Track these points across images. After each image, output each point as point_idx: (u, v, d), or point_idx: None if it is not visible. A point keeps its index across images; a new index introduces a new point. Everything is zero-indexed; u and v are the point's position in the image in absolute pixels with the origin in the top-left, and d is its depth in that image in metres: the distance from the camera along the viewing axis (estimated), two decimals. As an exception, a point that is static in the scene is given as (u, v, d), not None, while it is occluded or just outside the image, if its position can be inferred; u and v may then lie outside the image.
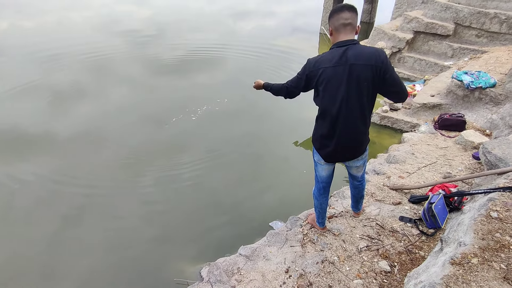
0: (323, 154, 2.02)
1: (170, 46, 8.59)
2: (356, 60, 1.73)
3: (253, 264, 2.33)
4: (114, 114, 5.10)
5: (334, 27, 1.79)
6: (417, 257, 2.27)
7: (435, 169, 3.31)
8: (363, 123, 1.90)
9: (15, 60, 7.40)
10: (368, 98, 1.82)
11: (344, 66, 1.74)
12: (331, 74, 1.77)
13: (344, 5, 1.76)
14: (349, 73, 1.74)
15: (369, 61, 1.72)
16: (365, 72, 1.73)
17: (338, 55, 1.75)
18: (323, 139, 1.97)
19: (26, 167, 3.83)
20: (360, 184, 2.33)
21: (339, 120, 1.85)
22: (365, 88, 1.77)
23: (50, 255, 2.82)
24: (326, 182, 2.21)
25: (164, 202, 3.39)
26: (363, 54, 1.73)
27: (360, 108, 1.83)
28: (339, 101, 1.80)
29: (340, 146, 1.94)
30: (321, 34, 10.12)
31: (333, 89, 1.80)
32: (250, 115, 5.22)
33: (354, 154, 2.02)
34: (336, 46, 1.79)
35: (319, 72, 1.80)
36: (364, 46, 1.79)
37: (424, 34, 6.24)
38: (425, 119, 4.41)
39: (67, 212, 3.24)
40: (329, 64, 1.77)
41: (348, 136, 1.90)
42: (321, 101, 1.89)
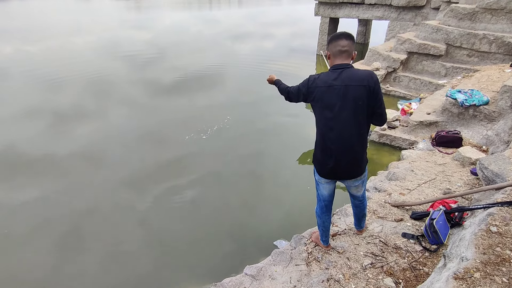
0: (322, 172, 2.10)
1: (169, 67, 8.85)
2: (351, 81, 1.86)
3: (259, 284, 2.34)
4: (115, 135, 5.22)
5: (332, 52, 1.94)
6: (421, 274, 2.29)
7: (435, 185, 3.37)
8: (360, 142, 1.99)
9: (18, 84, 7.60)
10: (363, 117, 1.92)
11: (340, 87, 1.87)
12: (326, 93, 1.91)
13: (343, 33, 1.91)
14: (344, 93, 1.87)
15: (362, 82, 1.85)
16: (360, 92, 1.86)
17: (333, 76, 1.90)
18: (322, 158, 2.05)
19: (26, 188, 3.88)
20: (361, 203, 2.39)
21: (336, 139, 1.95)
22: (360, 107, 1.88)
23: (47, 280, 2.79)
24: (328, 201, 2.27)
25: (167, 222, 3.42)
26: (357, 75, 1.87)
27: (356, 126, 1.93)
28: (335, 120, 1.91)
29: (338, 165, 2.01)
30: (317, 55, 10.45)
31: (328, 107, 1.92)
32: (251, 134, 5.34)
33: (352, 173, 2.08)
34: (333, 69, 1.94)
35: (315, 90, 1.94)
36: (358, 69, 1.94)
37: (418, 55, 6.48)
38: (422, 136, 4.52)
39: (66, 234, 3.24)
40: (323, 84, 1.91)
41: (345, 154, 1.98)
42: (318, 120, 2.01)
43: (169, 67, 8.94)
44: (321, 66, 9.69)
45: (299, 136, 5.27)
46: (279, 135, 5.32)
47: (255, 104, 6.56)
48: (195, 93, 7.05)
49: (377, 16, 9.05)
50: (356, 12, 9.41)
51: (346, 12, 9.61)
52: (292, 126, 5.61)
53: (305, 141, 5.08)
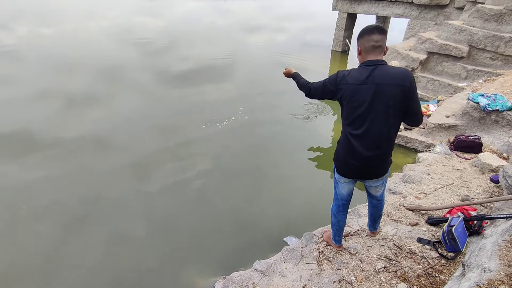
0: (345, 172, 2.02)
1: (181, 57, 8.78)
2: (384, 79, 1.75)
3: (269, 280, 2.30)
4: (126, 121, 5.19)
5: (364, 47, 1.82)
6: (437, 281, 2.21)
7: (452, 191, 3.26)
8: (388, 143, 1.90)
9: (32, 66, 7.63)
10: (394, 118, 1.82)
11: (371, 85, 1.76)
12: (356, 91, 1.80)
13: (376, 27, 1.80)
14: (375, 92, 1.76)
15: (397, 81, 1.74)
16: (393, 91, 1.75)
17: (365, 73, 1.78)
18: (346, 157, 1.97)
19: (36, 168, 3.89)
20: (379, 203, 2.31)
21: (363, 138, 1.85)
22: (391, 108, 1.78)
23: (52, 260, 2.79)
24: (345, 200, 2.20)
25: (174, 212, 3.39)
26: (391, 74, 1.76)
27: (385, 127, 1.84)
28: (365, 119, 1.82)
29: (363, 165, 1.93)
30: (332, 50, 10.25)
31: (358, 106, 1.81)
32: (264, 127, 5.26)
33: (376, 174, 2.01)
34: (364, 65, 1.82)
35: (343, 87, 1.83)
36: (392, 66, 1.82)
37: (438, 55, 6.28)
38: (440, 140, 4.38)
39: (73, 215, 3.23)
40: (354, 82, 1.80)
41: (372, 155, 1.90)
42: (345, 118, 1.91)
43: (180, 56, 8.87)
44: (335, 62, 9.51)
45: (312, 133, 5.18)
46: (292, 131, 5.24)
47: (268, 97, 6.47)
48: (206, 84, 6.98)
49: (397, 13, 8.79)
50: (375, 8, 9.16)
51: (365, 8, 9.37)
52: (304, 123, 5.51)
53: (320, 138, 5.00)
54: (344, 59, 9.81)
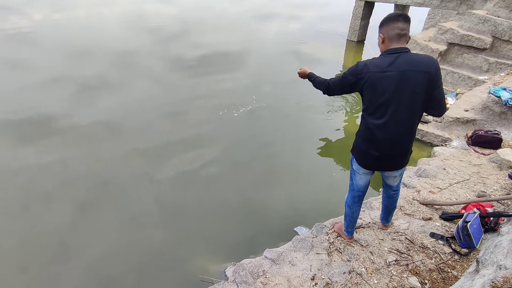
0: (365, 162, 1.99)
1: (193, 44, 8.72)
2: (409, 66, 1.70)
3: (279, 268, 2.32)
4: (138, 107, 5.22)
5: (388, 35, 1.76)
6: (449, 277, 2.19)
7: (468, 187, 3.19)
8: (410, 133, 1.86)
9: (47, 50, 7.72)
10: (418, 106, 1.78)
11: (395, 73, 1.71)
12: (379, 79, 1.74)
13: (400, 14, 1.73)
14: (400, 80, 1.71)
15: (422, 68, 1.69)
16: (419, 79, 1.70)
17: (388, 61, 1.73)
18: (366, 148, 1.93)
19: (50, 151, 3.97)
20: (395, 194, 2.29)
21: (386, 128, 1.81)
22: (416, 96, 1.73)
23: (64, 240, 2.86)
24: (362, 191, 2.18)
25: (185, 197, 3.41)
26: (416, 60, 1.70)
27: (410, 116, 1.79)
28: (387, 108, 1.77)
29: (384, 156, 1.90)
30: (348, 40, 10.00)
31: (381, 95, 1.76)
32: (279, 117, 5.23)
33: (398, 164, 1.97)
34: (386, 53, 1.76)
35: (366, 76, 1.77)
36: (416, 53, 1.76)
37: (459, 46, 6.05)
38: (457, 134, 4.27)
39: (85, 198, 3.29)
40: (377, 70, 1.74)
41: (395, 145, 1.86)
42: (366, 108, 1.86)
43: (193, 43, 8.81)
44: (350, 52, 9.29)
45: (325, 124, 5.12)
46: (305, 121, 5.19)
47: (281, 86, 6.40)
48: (219, 71, 6.93)
49: (417, 2, 8.46)
50: (394, -4, 8.82)
51: (383, -4, 9.04)
52: (317, 113, 5.44)
53: (330, 129, 4.94)
54: (360, 49, 9.58)
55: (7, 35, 8.51)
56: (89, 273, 2.59)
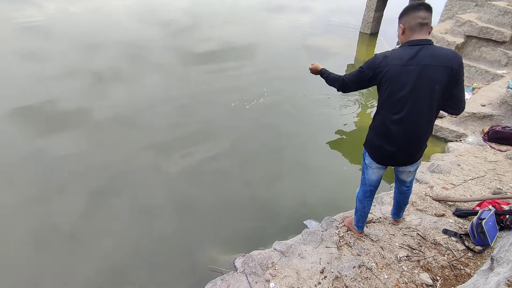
0: (379, 157, 1.95)
1: (203, 37, 8.69)
2: (432, 61, 1.63)
3: (288, 261, 2.32)
4: (149, 100, 5.25)
5: (409, 25, 1.69)
6: (462, 274, 2.15)
7: (483, 183, 3.12)
8: (427, 129, 1.81)
9: (60, 43, 7.80)
10: (437, 103, 1.72)
11: (416, 67, 1.64)
12: (399, 73, 1.67)
13: (422, 4, 1.66)
14: (420, 74, 1.65)
15: (445, 63, 1.62)
16: (440, 74, 1.63)
17: (410, 54, 1.66)
18: (380, 143, 1.89)
19: (64, 142, 4.04)
20: (408, 190, 2.25)
21: (403, 123, 1.76)
22: (436, 92, 1.67)
23: (77, 228, 2.93)
24: (374, 186, 2.15)
25: (196, 192, 3.42)
26: (439, 55, 1.63)
27: (427, 112, 1.74)
28: (405, 103, 1.71)
29: (400, 150, 1.86)
30: (361, 33, 9.80)
31: (399, 89, 1.70)
32: (288, 110, 5.19)
33: (413, 159, 1.93)
34: (408, 45, 1.69)
35: (385, 69, 1.70)
36: (440, 47, 1.69)
37: (477, 39, 5.85)
38: (472, 130, 4.16)
39: (97, 189, 3.33)
40: (399, 62, 1.67)
41: (411, 141, 1.82)
42: (382, 102, 1.81)
43: (203, 36, 8.77)
44: (363, 45, 9.10)
45: (336, 117, 5.05)
46: (315, 114, 5.14)
47: (291, 80, 6.34)
48: (230, 64, 6.90)
49: (433, -7, 8.19)
50: (410, -13, 8.56)
51: (398, -13, 8.78)
52: (328, 107, 5.38)
53: (341, 123, 4.88)
54: (373, 41, 9.37)
55: (23, 27, 8.64)
56: (102, 261, 2.65)
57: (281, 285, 2.12)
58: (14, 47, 7.24)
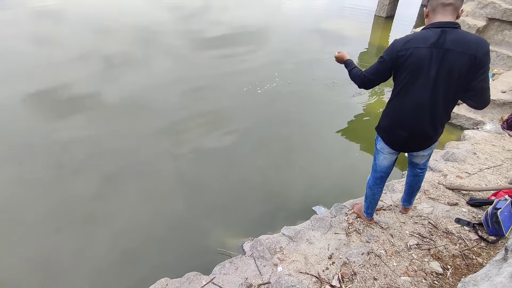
0: (393, 143, 1.90)
1: (214, 21, 8.54)
2: (455, 46, 1.52)
3: (296, 246, 2.33)
4: (161, 84, 5.24)
5: (431, 7, 1.60)
6: (474, 263, 2.12)
7: (500, 173, 3.02)
8: (444, 115, 1.74)
9: (71, 27, 7.81)
10: (455, 91, 1.63)
11: (438, 51, 1.55)
12: (422, 55, 1.58)
13: None
14: (442, 59, 1.56)
15: (469, 50, 1.51)
16: (461, 61, 1.53)
17: (434, 36, 1.56)
18: (396, 127, 1.82)
19: (76, 126, 4.09)
20: (422, 172, 2.19)
21: (418, 109, 1.70)
22: (455, 79, 1.58)
23: (90, 207, 3.00)
24: (385, 172, 2.10)
25: (206, 176, 3.44)
26: (464, 40, 1.52)
27: (445, 100, 1.66)
28: (423, 88, 1.64)
29: (413, 136, 1.80)
30: (375, 16, 9.45)
31: (421, 73, 1.62)
32: (300, 95, 5.11)
33: (426, 145, 1.88)
34: (432, 27, 1.59)
35: (408, 52, 1.60)
36: (467, 32, 1.57)
37: (500, 22, 5.54)
38: (491, 117, 4.00)
39: (108, 175, 3.38)
40: (423, 45, 1.57)
41: (425, 127, 1.75)
42: (401, 85, 1.72)
43: (214, 20, 8.62)
44: (378, 29, 8.79)
45: (347, 104, 4.95)
46: (326, 100, 5.04)
47: (303, 65, 6.20)
48: (241, 49, 6.78)
49: (455, -27, 7.76)
50: (430, -33, 8.13)
51: (417, -34, 8.36)
52: (338, 93, 5.26)
53: (353, 109, 4.78)
54: (389, 25, 9.04)
55: (35, 12, 8.67)
56: (115, 241, 2.72)
57: (289, 269, 2.13)
58: (28, 31, 7.29)
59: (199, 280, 2.10)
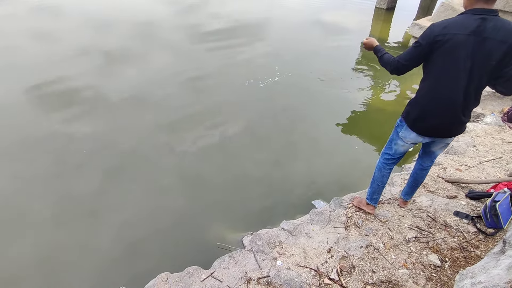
0: (423, 129, 1.88)
1: (213, 14, 8.46)
2: (494, 35, 1.53)
3: (295, 240, 2.35)
4: (161, 78, 5.22)
5: None
6: (472, 256, 2.13)
7: (500, 165, 3.02)
8: (475, 102, 1.76)
9: (69, 22, 7.74)
10: (488, 78, 1.65)
11: (477, 38, 1.55)
12: (461, 43, 1.57)
13: None
14: (479, 47, 1.56)
15: (507, 38, 1.52)
16: (499, 50, 1.54)
17: (475, 23, 1.55)
18: (430, 114, 1.82)
19: (77, 122, 4.09)
20: (430, 166, 2.22)
21: (455, 96, 1.70)
22: (490, 67, 1.59)
23: (92, 202, 3.03)
24: (398, 158, 2.17)
25: (206, 171, 3.45)
26: (503, 29, 1.53)
27: (478, 87, 1.68)
28: (461, 75, 1.64)
29: (448, 123, 1.80)
30: (376, 8, 9.33)
31: (457, 60, 1.62)
32: (300, 89, 5.09)
33: (457, 132, 1.88)
34: (472, 13, 1.58)
35: (446, 37, 1.59)
36: (505, 20, 1.57)
37: (502, 13, 5.48)
38: (491, 110, 3.98)
39: (111, 167, 3.41)
40: (463, 32, 1.57)
41: (460, 114, 1.75)
42: (436, 71, 1.71)
43: (213, 13, 8.54)
44: (378, 21, 8.70)
45: (346, 98, 4.93)
46: (327, 94, 5.02)
47: (303, 58, 6.16)
48: (242, 42, 6.73)
49: (457, -38, 7.63)
50: (431, -43, 8.01)
51: (419, -44, 8.22)
52: (338, 87, 5.24)
53: (352, 103, 4.76)
54: (389, 17, 8.94)
55: (32, 6, 8.60)
56: (117, 235, 2.75)
57: (288, 263, 2.15)
58: (27, 27, 7.24)
59: (199, 274, 2.12)
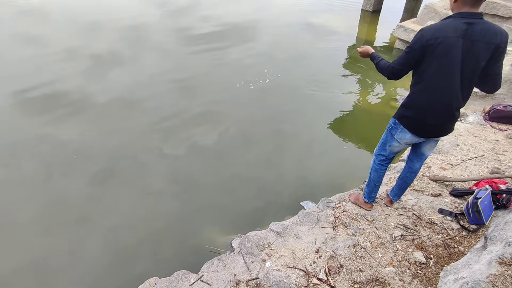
0: (419, 130, 1.95)
1: (204, 16, 8.46)
2: (482, 37, 1.60)
3: (284, 241, 2.36)
4: (150, 81, 5.18)
5: None
6: (455, 252, 2.18)
7: (482, 163, 3.10)
8: (465, 100, 1.83)
9: (57, 25, 7.61)
10: (476, 79, 1.73)
11: (466, 41, 1.63)
12: (452, 44, 1.64)
13: None
14: (469, 49, 1.64)
15: (493, 40, 1.60)
16: (486, 51, 1.63)
17: (463, 27, 1.62)
18: (425, 115, 1.88)
19: (66, 125, 4.03)
20: (419, 168, 2.29)
21: (450, 95, 1.77)
22: (478, 69, 1.68)
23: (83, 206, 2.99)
24: (392, 158, 2.25)
25: (196, 174, 3.45)
26: (490, 32, 1.61)
27: (468, 88, 1.76)
28: (454, 76, 1.71)
29: (440, 122, 1.88)
30: (363, 10, 9.49)
31: (450, 61, 1.68)
32: (290, 91, 5.14)
33: (449, 131, 1.96)
34: (459, 17, 1.65)
35: (438, 40, 1.66)
36: (490, 22, 1.65)
37: (482, 15, 5.65)
38: (473, 109, 4.10)
39: (101, 170, 3.37)
40: (453, 34, 1.64)
41: (454, 112, 1.84)
42: (429, 73, 1.76)
43: (203, 16, 8.53)
44: (364, 23, 8.84)
45: (335, 99, 4.99)
46: (316, 96, 5.07)
47: (294, 60, 6.21)
48: (232, 44, 6.74)
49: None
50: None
51: (403, -40, 8.42)
52: (327, 89, 5.30)
53: (341, 105, 4.83)
54: (375, 19, 9.10)
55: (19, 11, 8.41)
56: (107, 239, 2.72)
57: (277, 264, 2.16)
58: (12, 31, 7.07)
59: (188, 278, 2.11)
